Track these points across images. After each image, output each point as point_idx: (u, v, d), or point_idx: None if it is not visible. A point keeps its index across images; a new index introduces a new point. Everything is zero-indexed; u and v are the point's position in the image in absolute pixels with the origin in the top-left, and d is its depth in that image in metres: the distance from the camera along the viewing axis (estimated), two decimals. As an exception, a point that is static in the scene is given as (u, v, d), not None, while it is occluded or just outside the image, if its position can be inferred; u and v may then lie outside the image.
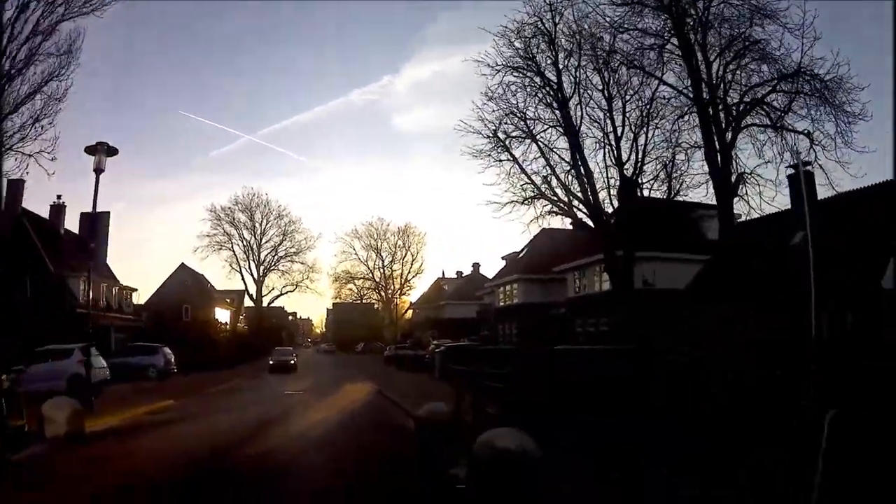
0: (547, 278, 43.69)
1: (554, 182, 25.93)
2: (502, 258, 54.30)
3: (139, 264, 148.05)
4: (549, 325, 40.07)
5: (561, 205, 26.55)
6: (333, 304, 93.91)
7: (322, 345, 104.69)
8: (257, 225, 72.68)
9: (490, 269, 74.72)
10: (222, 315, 68.24)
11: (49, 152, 22.36)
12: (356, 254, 75.87)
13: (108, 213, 18.74)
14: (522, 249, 49.91)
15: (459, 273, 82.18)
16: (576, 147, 25.13)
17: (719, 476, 6.88)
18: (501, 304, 47.88)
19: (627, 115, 24.63)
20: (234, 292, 77.05)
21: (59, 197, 41.65)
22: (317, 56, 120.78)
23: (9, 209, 28.38)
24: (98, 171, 16.21)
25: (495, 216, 26.58)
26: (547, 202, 26.54)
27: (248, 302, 77.15)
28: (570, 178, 25.65)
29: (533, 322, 41.77)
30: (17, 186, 30.88)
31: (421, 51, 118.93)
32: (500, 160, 26.16)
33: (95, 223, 16.94)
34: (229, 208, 71.29)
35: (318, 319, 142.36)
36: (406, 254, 75.70)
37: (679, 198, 26.26)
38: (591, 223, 26.49)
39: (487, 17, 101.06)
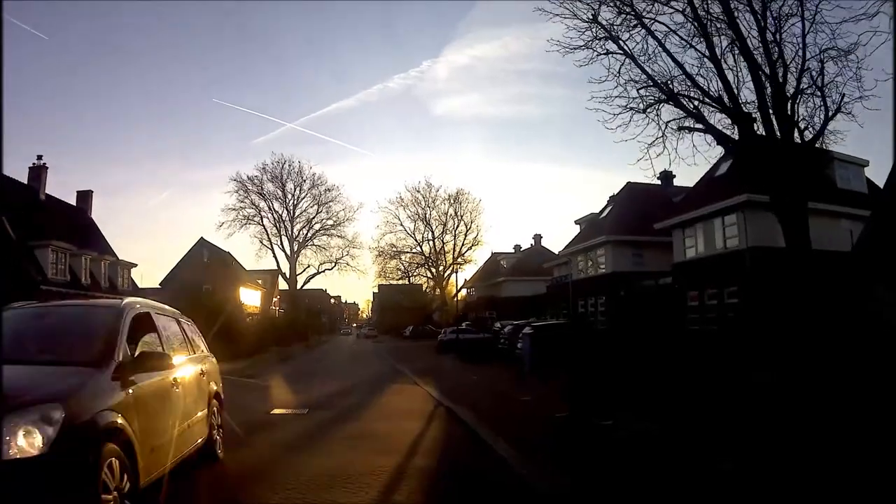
0: (644, 240, 34.61)
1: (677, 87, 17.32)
2: (576, 222, 45.30)
3: (172, 259, 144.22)
4: (652, 299, 31.22)
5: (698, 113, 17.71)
6: (378, 286, 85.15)
7: (363, 329, 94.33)
8: (289, 195, 64.86)
9: (552, 244, 66.13)
10: (251, 297, 60.80)
11: None
12: (402, 224, 66.63)
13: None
14: (604, 209, 40.79)
15: (517, 247, 73.23)
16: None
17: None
18: (582, 275, 38.82)
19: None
20: (267, 273, 69.66)
21: (39, 157, 34.66)
22: (357, 42, 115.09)
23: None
24: None
25: (608, 127, 17.62)
26: (678, 109, 17.74)
27: (284, 285, 69.74)
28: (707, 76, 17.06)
29: (629, 296, 32.85)
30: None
31: (461, 36, 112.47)
32: (606, 51, 17.55)
33: None
34: (257, 177, 63.65)
35: (365, 304, 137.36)
36: (459, 223, 66.35)
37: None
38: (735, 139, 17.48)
39: (519, 6, 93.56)
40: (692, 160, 18.19)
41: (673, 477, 6.21)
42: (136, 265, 39.30)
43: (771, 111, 16.35)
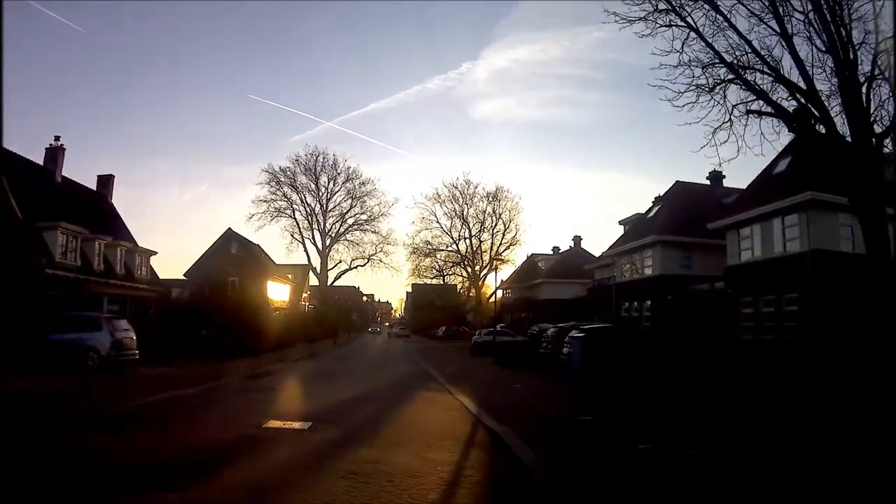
0: (694, 242, 32.24)
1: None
2: (620, 223, 42.92)
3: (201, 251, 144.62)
4: (702, 305, 28.86)
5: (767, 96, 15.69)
6: (412, 285, 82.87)
7: (395, 328, 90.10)
8: (322, 188, 63.55)
9: (590, 247, 63.58)
10: (280, 291, 59.51)
11: None
12: (438, 221, 64.15)
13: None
14: (650, 209, 38.37)
15: (556, 249, 70.85)
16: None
17: None
18: (626, 277, 36.44)
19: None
20: (298, 268, 68.42)
21: (56, 138, 33.66)
22: (396, 43, 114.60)
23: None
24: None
25: (674, 106, 15.62)
26: (747, 90, 15.76)
27: (315, 280, 68.49)
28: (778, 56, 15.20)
29: (677, 301, 30.52)
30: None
31: (501, 38, 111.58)
32: (668, 23, 15.71)
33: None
34: (289, 169, 62.47)
35: (398, 303, 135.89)
36: (497, 222, 63.47)
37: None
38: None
39: (562, 7, 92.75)
40: (759, 149, 15.98)
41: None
42: (155, 253, 37.91)
43: (842, 98, 14.27)
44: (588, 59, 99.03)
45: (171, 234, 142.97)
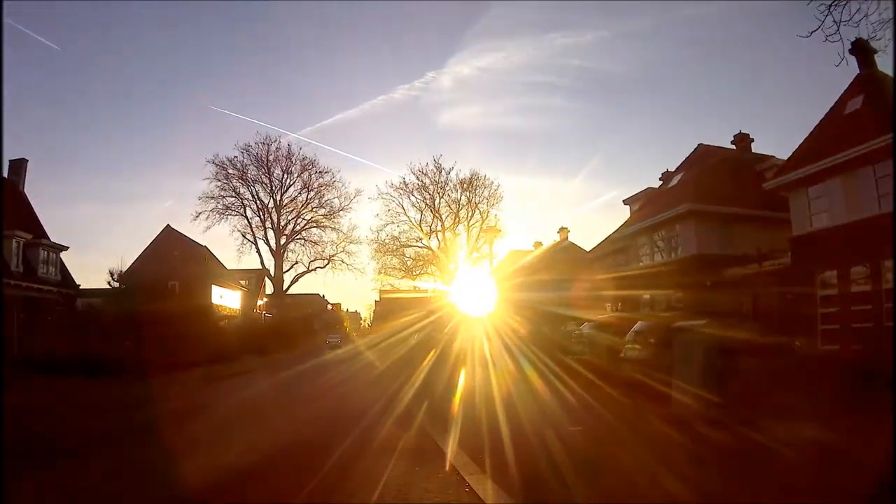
0: (737, 213, 26.43)
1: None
2: (626, 202, 36.83)
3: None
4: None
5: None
6: (380, 292, 73.94)
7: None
8: (275, 181, 56.35)
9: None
10: (230, 298, 52.34)
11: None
12: (405, 214, 56.62)
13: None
14: (672, 175, 32.35)
15: (538, 244, 64.34)
16: None
17: None
18: (643, 262, 30.16)
19: None
20: (252, 272, 61.16)
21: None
22: (361, 51, 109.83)
23: None
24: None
25: None
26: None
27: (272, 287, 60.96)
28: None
29: (717, 286, 24.49)
30: None
31: (466, 47, 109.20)
32: None
33: None
34: (238, 159, 55.16)
35: (368, 312, 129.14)
36: (473, 213, 56.94)
37: None
38: None
39: (531, 12, 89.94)
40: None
41: None
42: (65, 248, 30.82)
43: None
44: (553, 66, 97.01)
45: (114, 241, 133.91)
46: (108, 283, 32.34)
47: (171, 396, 17.16)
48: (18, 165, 33.66)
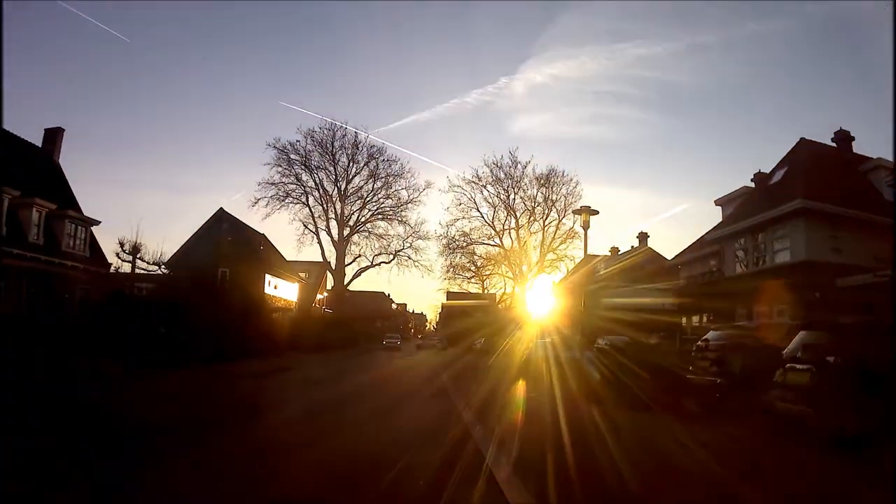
0: (849, 216, 22.26)
1: None
2: (717, 203, 32.59)
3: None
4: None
5: None
6: (447, 293, 69.90)
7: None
8: (340, 169, 54.05)
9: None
10: (286, 289, 50.35)
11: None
12: (477, 209, 52.79)
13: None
14: (773, 171, 28.10)
15: (616, 250, 59.98)
16: None
17: None
18: (742, 270, 26.03)
19: None
20: (313, 265, 59.16)
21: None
22: (436, 56, 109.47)
23: None
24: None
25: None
26: None
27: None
28: None
29: (827, 299, 20.46)
30: None
31: (538, 54, 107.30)
32: None
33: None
34: (301, 144, 53.11)
35: (434, 314, 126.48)
36: (549, 211, 52.78)
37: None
38: None
39: (602, 21, 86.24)
40: None
41: None
42: (98, 222, 28.92)
43: None
44: (626, 77, 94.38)
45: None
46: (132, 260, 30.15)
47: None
48: (54, 134, 32.02)
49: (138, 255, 27.77)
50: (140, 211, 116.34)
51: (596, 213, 18.53)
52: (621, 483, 6.28)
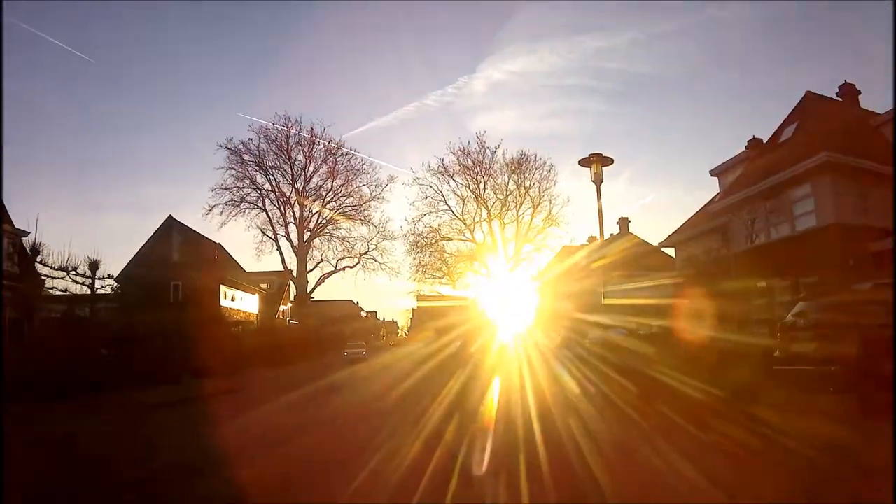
0: (879, 171, 19.75)
1: None
2: (712, 173, 30.15)
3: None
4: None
5: None
6: (417, 297, 65.86)
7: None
8: (297, 167, 50.61)
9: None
10: (246, 301, 46.79)
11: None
12: (445, 203, 49.08)
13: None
14: (785, 125, 25.68)
15: (593, 239, 57.16)
16: None
17: None
18: (755, 241, 23.28)
19: None
20: (274, 275, 55.77)
21: None
22: (393, 59, 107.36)
23: None
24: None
25: None
26: None
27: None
28: None
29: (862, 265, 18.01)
30: None
31: (497, 51, 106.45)
32: None
33: None
34: (253, 143, 49.61)
35: (405, 321, 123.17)
36: (523, 199, 49.49)
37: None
38: None
39: (563, 12, 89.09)
40: None
41: None
42: (26, 234, 25.01)
43: None
44: (588, 69, 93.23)
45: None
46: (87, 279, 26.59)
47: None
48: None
49: (74, 270, 24.23)
50: (100, 232, 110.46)
51: (610, 161, 15.70)
52: None
